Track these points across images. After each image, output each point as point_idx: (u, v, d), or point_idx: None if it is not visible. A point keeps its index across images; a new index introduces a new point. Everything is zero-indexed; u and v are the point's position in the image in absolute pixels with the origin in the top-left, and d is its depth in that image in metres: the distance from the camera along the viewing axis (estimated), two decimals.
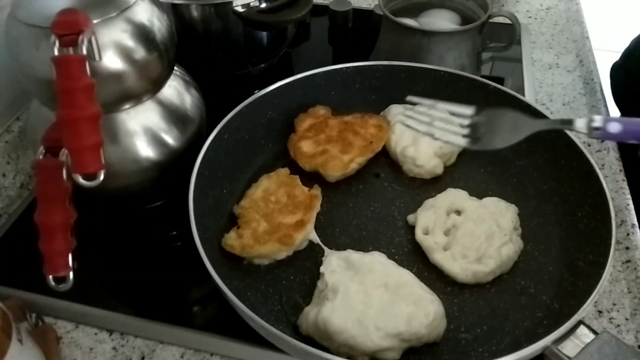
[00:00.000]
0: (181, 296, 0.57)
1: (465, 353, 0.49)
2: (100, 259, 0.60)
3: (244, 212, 0.57)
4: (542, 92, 0.82)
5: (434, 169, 0.64)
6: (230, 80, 0.84)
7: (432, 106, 0.56)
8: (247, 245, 0.54)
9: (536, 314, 0.51)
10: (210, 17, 0.73)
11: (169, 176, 0.60)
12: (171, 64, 0.59)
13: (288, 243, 0.55)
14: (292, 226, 0.56)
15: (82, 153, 0.44)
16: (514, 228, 0.57)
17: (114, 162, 0.54)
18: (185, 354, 0.52)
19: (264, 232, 0.55)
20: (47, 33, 0.46)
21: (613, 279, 0.57)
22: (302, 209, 0.58)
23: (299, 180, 0.61)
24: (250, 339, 0.49)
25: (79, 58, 0.44)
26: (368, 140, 0.65)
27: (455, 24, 0.79)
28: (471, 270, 0.53)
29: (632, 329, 0.53)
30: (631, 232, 0.61)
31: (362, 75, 0.70)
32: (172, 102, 0.60)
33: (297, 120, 0.68)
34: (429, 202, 0.60)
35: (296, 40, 0.94)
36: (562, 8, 1.02)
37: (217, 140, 0.60)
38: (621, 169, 0.69)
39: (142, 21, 0.53)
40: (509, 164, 0.65)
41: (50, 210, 0.45)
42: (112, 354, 0.53)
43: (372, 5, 0.97)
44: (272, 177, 0.61)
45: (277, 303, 0.53)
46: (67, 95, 0.43)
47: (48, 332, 0.53)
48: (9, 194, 0.68)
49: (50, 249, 0.45)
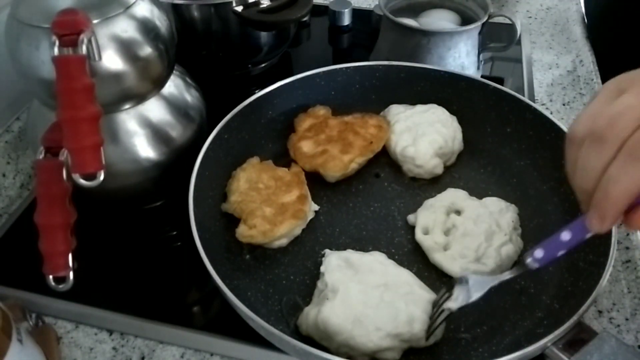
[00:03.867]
0: (181, 296, 0.57)
1: (465, 353, 0.49)
2: (100, 259, 0.60)
3: (241, 206, 0.57)
4: (542, 92, 0.82)
5: (433, 169, 0.64)
6: (230, 80, 0.84)
7: None
8: (267, 230, 0.55)
9: (536, 314, 0.51)
10: (210, 17, 0.73)
11: (169, 176, 0.60)
12: (171, 64, 0.59)
13: (301, 216, 0.57)
14: (296, 202, 0.58)
15: (82, 153, 0.44)
16: (514, 228, 0.57)
17: (114, 162, 0.54)
18: (185, 354, 0.52)
19: (273, 215, 0.56)
20: (47, 33, 0.46)
21: (613, 279, 0.57)
22: (294, 185, 0.60)
23: (273, 163, 0.63)
24: (250, 339, 0.49)
25: (79, 58, 0.44)
26: (368, 141, 0.65)
27: (455, 24, 0.79)
28: (471, 270, 0.53)
29: (632, 329, 0.53)
30: (631, 232, 0.61)
31: (362, 75, 0.70)
32: (172, 102, 0.60)
33: (297, 120, 0.68)
34: (429, 202, 0.60)
35: (296, 40, 0.94)
36: (562, 8, 1.02)
37: (217, 140, 0.60)
38: None
39: (142, 21, 0.53)
40: (509, 164, 0.65)
41: (50, 210, 0.45)
42: (112, 354, 0.53)
43: (372, 5, 0.97)
44: (246, 168, 0.62)
45: (277, 303, 0.53)
46: (67, 95, 0.43)
47: (48, 332, 0.53)
48: (9, 194, 0.68)
49: (50, 249, 0.45)
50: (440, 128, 0.65)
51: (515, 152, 0.65)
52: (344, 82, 0.70)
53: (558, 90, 0.83)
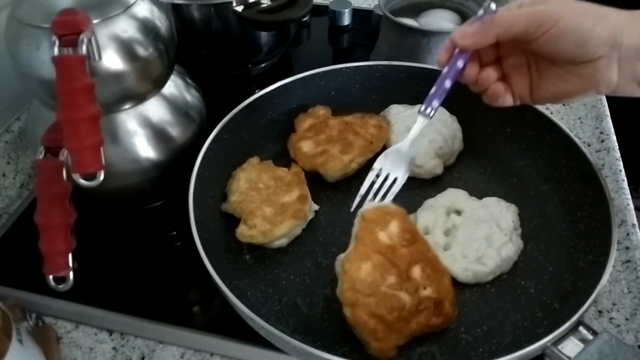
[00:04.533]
0: (181, 296, 0.57)
1: (465, 353, 0.49)
2: (100, 259, 0.60)
3: (241, 206, 0.57)
4: None
5: (433, 169, 0.64)
6: (230, 80, 0.84)
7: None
8: (267, 230, 0.55)
9: (536, 314, 0.51)
10: (210, 17, 0.73)
11: (169, 176, 0.60)
12: (171, 64, 0.59)
13: (301, 216, 0.57)
14: (297, 202, 0.58)
15: (82, 153, 0.44)
16: (514, 228, 0.57)
17: (114, 162, 0.54)
18: (185, 354, 0.52)
19: (273, 215, 0.56)
20: (47, 33, 0.46)
21: (613, 279, 0.57)
22: (294, 185, 0.59)
23: (273, 163, 0.63)
24: (250, 339, 0.49)
25: (79, 58, 0.44)
26: (368, 141, 0.65)
27: (455, 24, 0.79)
28: (471, 270, 0.53)
29: (632, 329, 0.53)
30: (631, 232, 0.61)
31: (362, 75, 0.70)
32: (173, 102, 0.60)
33: (297, 121, 0.68)
34: (429, 202, 0.60)
35: (296, 40, 0.94)
36: None
37: (217, 140, 0.60)
38: (621, 169, 0.69)
39: (142, 21, 0.53)
40: (509, 164, 0.65)
41: (50, 210, 0.45)
42: (112, 354, 0.53)
43: (372, 5, 0.97)
44: (246, 168, 0.62)
45: (277, 303, 0.53)
46: (67, 96, 0.43)
47: (48, 332, 0.53)
48: (9, 194, 0.68)
49: (50, 249, 0.45)
50: (440, 128, 0.65)
51: (515, 152, 0.65)
52: (344, 82, 0.70)
53: None
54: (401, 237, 0.50)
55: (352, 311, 0.46)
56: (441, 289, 0.49)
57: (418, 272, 0.49)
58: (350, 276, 0.47)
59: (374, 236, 0.49)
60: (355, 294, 0.46)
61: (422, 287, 0.48)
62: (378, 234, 0.49)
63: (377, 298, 0.46)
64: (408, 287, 0.48)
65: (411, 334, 0.47)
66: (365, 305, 0.46)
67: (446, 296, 0.49)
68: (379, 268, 0.48)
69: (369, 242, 0.49)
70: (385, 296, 0.47)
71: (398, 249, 0.49)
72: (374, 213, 0.51)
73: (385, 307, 0.46)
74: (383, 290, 0.47)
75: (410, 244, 0.50)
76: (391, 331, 0.46)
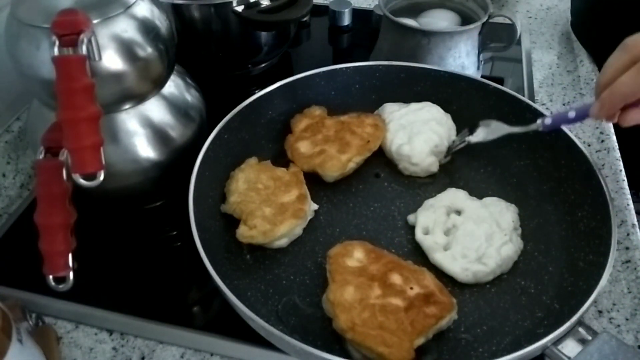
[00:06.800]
0: (181, 296, 0.57)
1: (465, 353, 0.49)
2: (100, 259, 0.60)
3: (240, 207, 0.57)
4: (542, 92, 0.82)
5: (429, 167, 0.64)
6: (230, 80, 0.84)
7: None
8: (267, 230, 0.55)
9: (536, 314, 0.51)
10: (210, 17, 0.73)
11: (169, 176, 0.60)
12: (171, 64, 0.59)
13: (301, 216, 0.57)
14: (296, 201, 0.58)
15: (82, 153, 0.44)
16: (514, 228, 0.57)
17: (114, 162, 0.54)
18: (185, 354, 0.52)
19: (273, 215, 0.56)
20: (47, 33, 0.46)
21: (613, 279, 0.57)
22: (293, 185, 0.59)
23: (272, 163, 0.63)
24: (250, 339, 0.49)
25: (79, 58, 0.44)
26: (365, 140, 0.65)
27: (455, 24, 0.79)
28: (471, 270, 0.53)
29: (632, 329, 0.53)
30: (631, 232, 0.61)
31: (362, 75, 0.70)
32: (173, 102, 0.60)
33: (293, 121, 0.67)
34: (429, 202, 0.60)
35: (296, 40, 0.94)
36: (562, 8, 1.02)
37: (217, 140, 0.60)
38: (621, 169, 0.69)
39: (142, 21, 0.53)
40: (509, 164, 0.65)
41: (50, 211, 0.45)
42: (112, 354, 0.53)
43: (372, 5, 0.97)
44: (244, 169, 0.62)
45: (277, 303, 0.53)
46: (67, 96, 0.43)
47: (48, 332, 0.53)
48: (9, 194, 0.68)
49: (50, 249, 0.45)
50: (434, 126, 0.65)
51: (515, 152, 0.65)
52: (343, 82, 0.70)
53: (558, 90, 0.83)
54: (368, 257, 0.53)
55: (354, 332, 0.47)
56: (426, 284, 0.50)
57: (397, 277, 0.50)
58: (338, 304, 0.48)
59: (344, 265, 0.51)
60: (349, 316, 0.47)
61: (408, 288, 0.50)
62: (347, 262, 0.52)
63: (370, 311, 0.48)
64: (395, 293, 0.49)
65: (419, 332, 0.47)
66: (363, 321, 0.47)
67: (435, 287, 0.50)
68: (361, 287, 0.49)
69: (343, 271, 0.51)
70: (377, 306, 0.48)
71: (370, 267, 0.51)
72: (337, 249, 0.53)
73: (381, 315, 0.47)
74: (372, 302, 0.48)
75: (379, 259, 0.52)
76: (397, 334, 0.46)
